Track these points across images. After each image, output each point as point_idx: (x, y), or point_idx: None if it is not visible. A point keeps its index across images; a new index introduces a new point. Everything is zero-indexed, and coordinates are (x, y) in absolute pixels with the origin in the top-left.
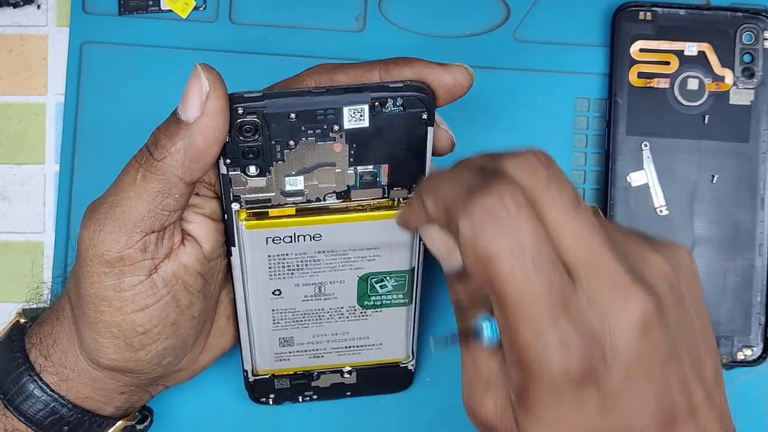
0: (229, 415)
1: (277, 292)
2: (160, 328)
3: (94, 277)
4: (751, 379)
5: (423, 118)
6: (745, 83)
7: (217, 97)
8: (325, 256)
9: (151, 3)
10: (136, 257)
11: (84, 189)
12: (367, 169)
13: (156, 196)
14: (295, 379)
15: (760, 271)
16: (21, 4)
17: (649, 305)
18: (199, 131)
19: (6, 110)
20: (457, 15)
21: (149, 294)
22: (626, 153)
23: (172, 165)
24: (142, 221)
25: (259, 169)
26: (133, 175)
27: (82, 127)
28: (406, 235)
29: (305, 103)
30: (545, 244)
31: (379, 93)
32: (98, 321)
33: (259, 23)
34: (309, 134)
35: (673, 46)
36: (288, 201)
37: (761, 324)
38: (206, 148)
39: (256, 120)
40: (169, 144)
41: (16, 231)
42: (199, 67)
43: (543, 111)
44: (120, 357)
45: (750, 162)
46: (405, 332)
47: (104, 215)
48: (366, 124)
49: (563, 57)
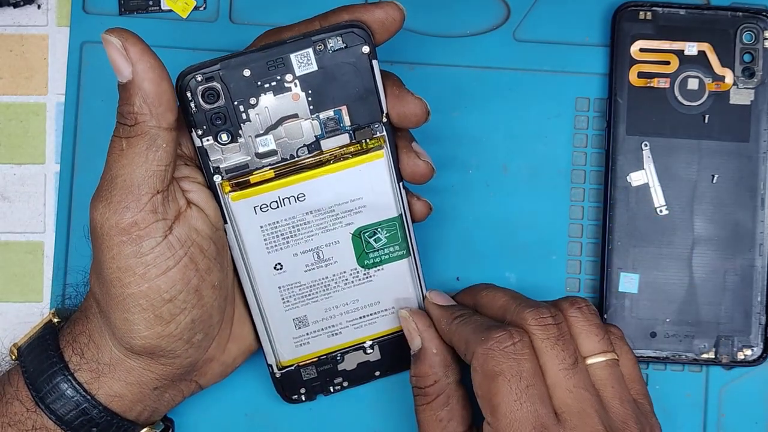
0: (251, 427)
1: (279, 267)
2: (185, 295)
3: (114, 250)
4: (751, 379)
5: (364, 52)
6: (745, 83)
7: (132, 43)
8: (314, 216)
9: (151, 3)
10: (149, 219)
11: (84, 189)
12: (328, 115)
13: (147, 154)
14: (320, 366)
15: (760, 270)
16: (21, 4)
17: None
18: (141, 80)
19: (6, 110)
20: (457, 15)
21: (168, 255)
22: (626, 153)
23: (143, 120)
24: (145, 182)
25: (230, 135)
26: (118, 147)
27: (82, 127)
28: (383, 179)
29: (255, 58)
30: (540, 382)
31: (319, 35)
32: (126, 296)
33: (259, 23)
34: (266, 88)
35: (674, 46)
36: (264, 163)
37: (761, 324)
38: (157, 88)
39: (215, 84)
40: (130, 107)
41: (16, 231)
42: (103, 35)
43: (543, 111)
44: (152, 332)
45: (750, 162)
46: (412, 287)
47: (107, 191)
48: (315, 68)
49: (563, 57)
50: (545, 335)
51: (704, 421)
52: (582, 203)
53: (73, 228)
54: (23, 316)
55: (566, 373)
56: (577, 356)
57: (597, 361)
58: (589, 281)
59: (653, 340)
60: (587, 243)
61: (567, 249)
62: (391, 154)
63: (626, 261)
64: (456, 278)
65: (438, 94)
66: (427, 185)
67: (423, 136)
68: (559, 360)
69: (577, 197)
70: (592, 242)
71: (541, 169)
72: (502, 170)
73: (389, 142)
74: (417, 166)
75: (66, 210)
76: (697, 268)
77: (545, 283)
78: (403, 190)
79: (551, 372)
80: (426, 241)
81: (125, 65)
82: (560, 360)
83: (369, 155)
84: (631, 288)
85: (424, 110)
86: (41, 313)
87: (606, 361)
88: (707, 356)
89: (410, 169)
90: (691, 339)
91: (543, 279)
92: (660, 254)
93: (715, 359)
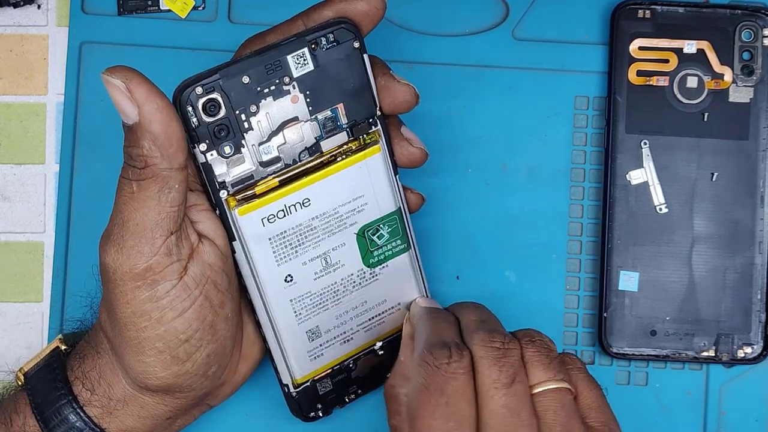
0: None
1: (289, 278)
2: (201, 333)
3: (128, 295)
4: (751, 376)
5: (356, 46)
6: (745, 81)
7: (137, 84)
8: (320, 221)
9: (150, 3)
10: (164, 262)
11: (84, 189)
12: (326, 115)
13: (159, 197)
14: (334, 377)
15: (760, 268)
16: (21, 4)
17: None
18: (149, 122)
19: (6, 110)
20: (456, 13)
21: (184, 297)
22: (626, 151)
23: (154, 163)
24: (158, 225)
25: (233, 146)
26: (128, 191)
27: (81, 127)
28: (382, 173)
29: (253, 63)
30: (464, 402)
31: (312, 34)
32: (141, 339)
33: (258, 23)
34: (266, 93)
35: (673, 44)
36: (269, 171)
37: (761, 322)
38: (167, 129)
39: (215, 95)
40: (139, 149)
41: (16, 231)
42: (104, 76)
43: (542, 109)
44: (169, 373)
45: (749, 159)
46: (414, 280)
47: (119, 235)
48: (311, 67)
49: (562, 55)
50: (485, 354)
51: (704, 419)
52: (581, 202)
53: (73, 228)
54: (23, 316)
55: (496, 393)
56: (516, 380)
57: (544, 389)
58: (589, 280)
59: (653, 339)
60: (587, 241)
61: (567, 247)
62: (386, 147)
63: (626, 259)
64: (456, 277)
65: (437, 93)
66: (425, 184)
67: (423, 136)
68: (492, 379)
69: (577, 196)
70: (592, 241)
71: (540, 168)
72: (501, 169)
73: (383, 134)
74: (412, 154)
75: (66, 210)
76: (697, 266)
77: (545, 282)
78: (400, 182)
79: (481, 391)
80: (426, 240)
81: (130, 108)
82: (493, 379)
83: (367, 151)
84: (631, 286)
85: (414, 96)
86: (41, 313)
87: (553, 389)
88: (707, 354)
89: (405, 158)
90: (691, 337)
91: (543, 278)
92: (660, 252)
93: (716, 357)
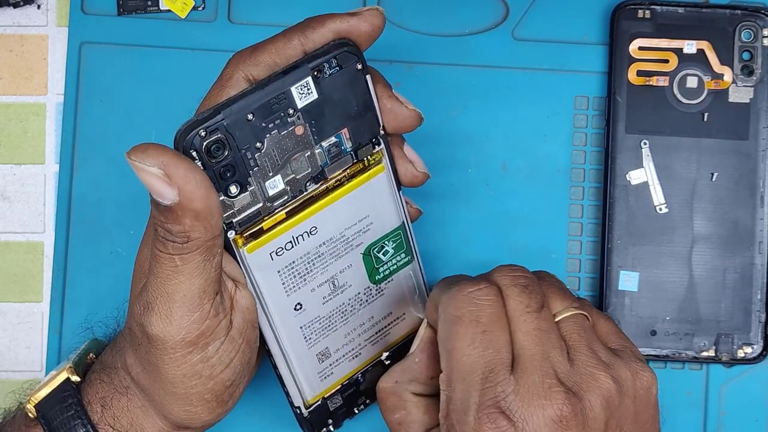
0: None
1: (299, 307)
2: (242, 372)
3: (179, 360)
4: (751, 376)
5: (358, 69)
6: (744, 81)
7: (175, 166)
8: (327, 246)
9: (149, 3)
10: (214, 324)
11: (84, 189)
12: (330, 141)
13: (204, 265)
14: (344, 392)
15: (759, 268)
16: (21, 4)
17: (567, 411)
18: (190, 200)
19: (6, 110)
20: (456, 13)
21: (231, 349)
22: (626, 151)
23: (198, 237)
24: (205, 292)
25: (239, 185)
26: (171, 265)
27: (81, 128)
28: (386, 192)
29: (256, 99)
30: (499, 328)
31: (314, 61)
32: (190, 395)
33: (258, 23)
34: (271, 128)
35: (672, 44)
36: (276, 206)
37: (761, 322)
38: (207, 202)
39: (220, 136)
40: (181, 227)
41: (16, 231)
42: (134, 163)
43: (542, 109)
44: (213, 415)
45: (749, 160)
46: (417, 289)
47: (165, 307)
48: (315, 96)
49: (562, 55)
50: (513, 283)
51: (704, 419)
52: (581, 202)
53: (73, 228)
54: (23, 316)
55: (528, 317)
56: (544, 306)
57: (565, 315)
58: (589, 279)
59: (653, 339)
60: (587, 241)
61: (566, 247)
62: (389, 164)
63: (626, 259)
64: None
65: (437, 94)
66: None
67: (423, 136)
68: (524, 305)
69: (577, 196)
70: (592, 241)
71: (540, 168)
72: (501, 169)
73: (386, 152)
74: (415, 177)
75: (66, 210)
76: (697, 266)
77: None
78: (403, 196)
79: (514, 316)
80: (426, 240)
81: (169, 191)
82: (525, 305)
83: (371, 171)
84: (631, 286)
85: (418, 120)
86: (41, 313)
87: (574, 314)
88: (707, 354)
89: (408, 180)
90: (691, 337)
91: None
92: (660, 252)
93: (715, 357)
